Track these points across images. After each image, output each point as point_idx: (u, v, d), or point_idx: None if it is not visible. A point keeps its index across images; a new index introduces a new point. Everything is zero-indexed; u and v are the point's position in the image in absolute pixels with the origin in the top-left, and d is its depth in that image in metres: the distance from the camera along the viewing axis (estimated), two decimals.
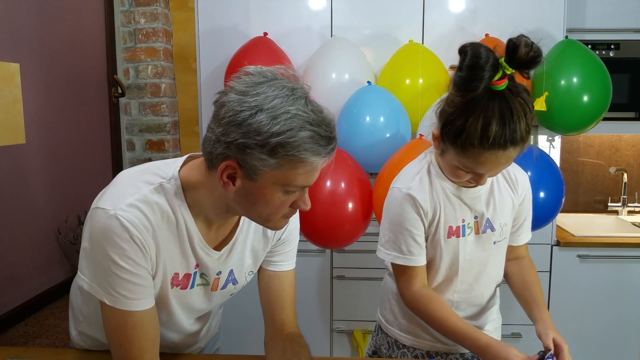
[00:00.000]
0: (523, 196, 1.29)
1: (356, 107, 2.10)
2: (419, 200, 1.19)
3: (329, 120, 0.86)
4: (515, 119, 1.00)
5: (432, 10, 2.39)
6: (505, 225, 1.27)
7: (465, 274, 1.26)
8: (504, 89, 1.01)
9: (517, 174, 1.29)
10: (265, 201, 0.89)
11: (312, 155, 0.83)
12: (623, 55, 2.49)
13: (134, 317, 0.93)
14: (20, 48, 1.88)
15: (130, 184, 0.94)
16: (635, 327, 2.35)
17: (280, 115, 0.81)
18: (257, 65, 0.89)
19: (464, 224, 1.22)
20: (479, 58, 0.98)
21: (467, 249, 1.24)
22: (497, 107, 1.00)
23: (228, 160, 0.85)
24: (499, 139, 1.00)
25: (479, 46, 0.99)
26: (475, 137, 1.02)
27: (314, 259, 2.44)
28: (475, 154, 1.05)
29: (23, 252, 1.93)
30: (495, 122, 1.00)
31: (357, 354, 2.44)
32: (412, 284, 1.22)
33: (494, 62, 0.99)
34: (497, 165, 1.07)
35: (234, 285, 1.10)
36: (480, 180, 1.12)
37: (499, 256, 1.30)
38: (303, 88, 0.86)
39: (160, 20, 2.55)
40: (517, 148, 1.04)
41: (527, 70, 1.01)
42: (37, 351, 1.32)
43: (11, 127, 1.76)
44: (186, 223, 0.96)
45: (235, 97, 0.83)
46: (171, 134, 2.63)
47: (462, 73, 1.00)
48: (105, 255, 0.89)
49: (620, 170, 2.72)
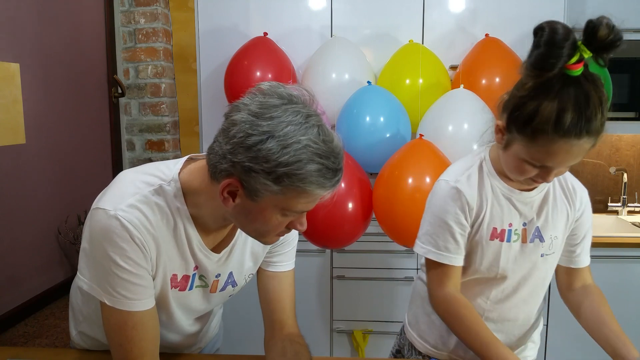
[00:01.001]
0: (581, 211, 1.19)
1: (356, 107, 2.10)
2: (466, 195, 1.11)
3: (338, 150, 0.84)
4: (592, 107, 0.92)
5: (432, 10, 2.39)
6: (556, 238, 1.16)
7: (504, 282, 1.17)
8: (579, 75, 0.93)
9: (576, 186, 1.19)
10: (264, 221, 0.89)
11: (317, 188, 0.83)
12: (623, 55, 2.48)
13: (134, 318, 0.93)
14: (20, 48, 1.88)
15: (131, 185, 0.94)
16: (635, 327, 2.34)
17: (291, 145, 0.79)
18: (273, 82, 0.87)
19: (511, 228, 1.14)
20: (556, 34, 0.90)
21: (510, 255, 1.15)
22: (573, 93, 0.93)
23: (231, 178, 0.84)
24: (574, 126, 0.92)
25: (557, 23, 0.92)
26: (550, 122, 0.93)
27: (314, 259, 2.44)
28: (547, 142, 0.95)
29: (23, 252, 1.93)
30: (571, 109, 0.92)
31: (357, 354, 2.44)
32: (445, 284, 1.14)
33: (573, 41, 0.91)
34: (569, 158, 0.97)
35: (233, 287, 1.10)
36: (547, 176, 1.02)
37: (544, 271, 1.19)
38: (318, 115, 0.85)
39: (160, 20, 2.55)
40: (591, 139, 0.95)
41: (605, 54, 0.94)
42: (37, 351, 1.32)
43: (11, 127, 1.76)
44: (185, 225, 0.96)
45: (248, 117, 0.82)
46: (171, 134, 2.63)
47: (538, 50, 0.92)
48: (105, 256, 0.89)
49: (620, 170, 2.72)
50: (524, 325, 1.24)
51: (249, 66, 2.25)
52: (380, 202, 1.98)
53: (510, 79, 2.49)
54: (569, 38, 0.91)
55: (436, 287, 1.16)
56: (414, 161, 1.93)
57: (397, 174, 1.91)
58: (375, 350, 2.47)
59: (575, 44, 0.92)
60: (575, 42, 0.92)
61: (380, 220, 2.03)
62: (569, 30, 0.92)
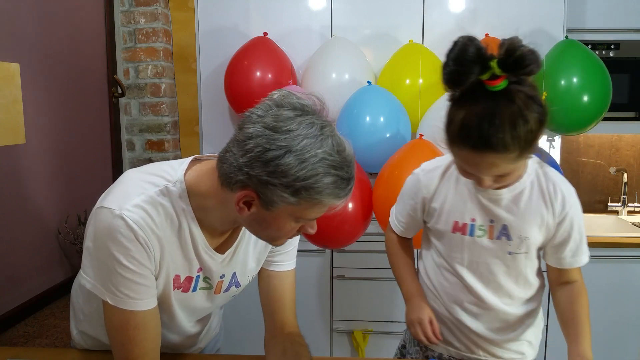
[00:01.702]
0: (564, 215, 1.16)
1: (356, 107, 2.10)
2: (423, 183, 1.25)
3: (350, 159, 0.87)
4: (498, 124, 0.93)
5: (432, 10, 2.39)
6: (527, 239, 1.17)
7: (473, 276, 1.22)
8: (499, 91, 0.95)
9: (559, 188, 1.16)
10: (277, 228, 0.91)
11: (332, 199, 0.86)
12: (623, 55, 2.48)
13: (136, 317, 0.93)
14: (20, 48, 1.88)
15: (136, 185, 0.94)
16: (636, 327, 2.34)
17: (308, 159, 0.81)
18: (284, 91, 0.88)
19: (474, 223, 1.19)
20: (465, 52, 0.92)
21: (475, 250, 1.20)
22: (481, 106, 0.95)
23: (247, 189, 0.85)
24: (474, 139, 0.96)
25: (469, 40, 0.93)
26: (455, 131, 0.99)
27: (314, 259, 2.44)
28: (458, 151, 1.03)
29: (23, 252, 1.93)
30: (474, 121, 0.95)
31: (357, 354, 2.44)
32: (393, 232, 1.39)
33: (484, 59, 0.93)
34: (481, 168, 1.02)
35: (237, 288, 1.11)
36: (479, 182, 1.06)
37: (515, 269, 1.21)
38: (330, 125, 0.87)
39: (160, 20, 2.55)
40: (498, 155, 0.97)
41: (517, 73, 0.94)
42: (37, 351, 1.32)
43: (11, 127, 1.76)
44: (190, 226, 0.96)
45: (264, 131, 0.82)
46: (171, 134, 2.63)
47: (448, 67, 0.96)
48: (109, 255, 0.89)
49: (620, 170, 2.72)
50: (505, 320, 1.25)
51: (249, 66, 2.25)
52: (380, 202, 1.98)
53: None
54: (478, 57, 0.92)
55: (387, 230, 1.42)
56: (414, 161, 1.92)
57: (397, 174, 1.91)
58: (375, 350, 2.47)
59: (486, 62, 0.93)
60: (486, 60, 0.93)
61: (380, 220, 2.03)
62: (479, 48, 0.93)
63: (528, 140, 0.96)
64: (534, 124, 0.96)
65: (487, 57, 0.93)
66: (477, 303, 1.24)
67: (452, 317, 1.27)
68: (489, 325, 1.25)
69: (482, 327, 1.25)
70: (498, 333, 1.26)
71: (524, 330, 1.28)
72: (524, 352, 1.30)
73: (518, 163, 1.02)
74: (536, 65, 0.93)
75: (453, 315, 1.27)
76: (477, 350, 1.27)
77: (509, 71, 0.93)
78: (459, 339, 1.28)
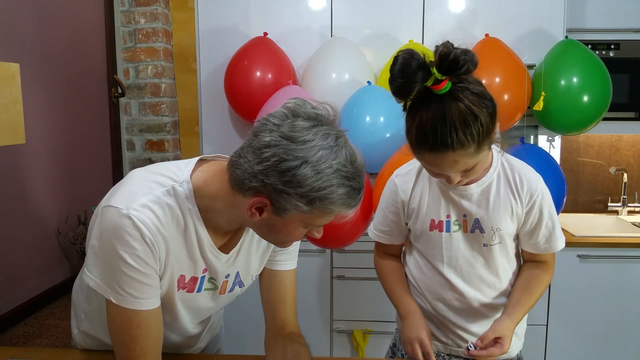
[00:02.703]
0: (530, 204, 1.21)
1: (356, 107, 2.10)
2: (399, 187, 1.30)
3: (361, 168, 0.89)
4: (450, 124, 1.00)
5: (432, 10, 2.39)
6: (499, 230, 1.22)
7: (454, 272, 1.27)
8: (444, 93, 1.01)
9: (525, 178, 1.22)
10: (287, 233, 0.93)
11: (344, 209, 0.88)
12: (623, 55, 2.49)
13: (139, 317, 0.93)
14: (20, 48, 1.88)
15: (143, 185, 0.94)
16: (635, 327, 2.35)
17: (324, 171, 0.83)
18: (299, 99, 0.90)
19: (449, 219, 1.24)
20: (407, 64, 0.99)
21: (452, 245, 1.25)
22: (431, 111, 1.02)
23: (261, 196, 0.87)
24: (431, 142, 1.02)
25: (409, 54, 0.99)
26: (413, 137, 1.06)
27: (314, 259, 2.44)
28: (419, 154, 1.09)
29: (23, 252, 1.94)
30: (427, 126, 1.02)
31: (357, 354, 2.44)
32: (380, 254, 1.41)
33: (426, 68, 0.99)
34: (444, 167, 1.07)
35: (240, 288, 1.11)
36: (449, 179, 1.11)
37: (492, 260, 1.25)
38: (344, 135, 0.89)
39: (160, 20, 2.55)
40: (456, 153, 1.02)
41: (456, 74, 1.00)
42: (37, 351, 1.32)
43: (11, 127, 1.76)
44: (196, 227, 0.96)
45: (282, 141, 0.84)
46: (171, 134, 2.63)
47: (394, 81, 1.02)
48: (114, 253, 0.89)
49: (620, 170, 2.72)
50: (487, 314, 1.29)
51: (249, 66, 2.25)
52: None
53: (510, 79, 2.50)
54: (419, 67, 0.98)
55: (375, 256, 1.43)
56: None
57: None
58: (375, 351, 2.47)
59: (428, 70, 0.99)
60: (428, 67, 0.99)
61: None
62: (418, 59, 0.99)
63: (482, 134, 1.02)
64: (484, 118, 1.02)
65: (427, 65, 1.00)
66: (459, 299, 1.28)
67: (437, 314, 1.31)
68: (473, 319, 1.29)
69: (467, 321, 1.29)
70: (483, 326, 1.28)
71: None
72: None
73: (479, 156, 1.07)
74: (472, 63, 0.99)
75: (438, 312, 1.31)
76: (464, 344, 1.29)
77: (448, 74, 1.00)
78: (446, 334, 1.32)
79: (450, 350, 1.33)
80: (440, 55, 0.98)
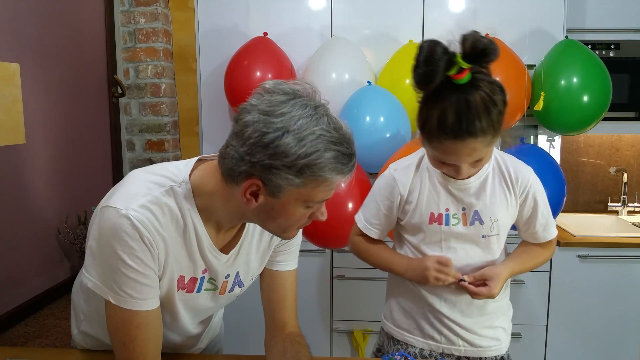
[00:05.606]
0: (525, 194, 1.27)
1: (356, 107, 2.10)
2: (398, 181, 1.30)
3: (348, 136, 0.88)
4: (473, 111, 1.04)
5: (432, 10, 2.39)
6: (497, 220, 1.26)
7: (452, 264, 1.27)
8: (465, 83, 1.04)
9: (517, 171, 1.27)
10: (287, 216, 0.92)
11: (336, 175, 0.87)
12: (623, 55, 2.49)
13: (138, 317, 0.93)
14: (20, 48, 1.88)
15: (142, 185, 0.94)
16: (635, 327, 2.35)
17: (307, 137, 0.83)
18: (275, 80, 0.90)
19: (448, 213, 1.26)
20: (433, 53, 1.02)
21: (452, 238, 1.27)
22: (454, 99, 1.05)
23: (252, 178, 0.86)
24: (455, 129, 1.05)
25: (434, 43, 1.03)
26: (435, 126, 1.08)
27: (314, 259, 2.44)
28: (438, 144, 1.10)
29: (23, 252, 1.94)
30: (451, 114, 1.05)
31: (357, 354, 2.44)
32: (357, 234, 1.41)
33: (450, 56, 1.02)
34: (461, 155, 1.11)
35: (240, 288, 1.11)
36: (457, 172, 1.16)
37: (491, 253, 1.29)
38: (323, 105, 0.88)
39: (160, 20, 2.55)
40: (478, 140, 1.06)
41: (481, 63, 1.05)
42: (37, 351, 1.32)
43: (11, 127, 1.76)
44: (196, 227, 0.96)
45: (260, 117, 0.84)
46: (171, 134, 2.63)
47: (418, 69, 1.05)
48: (113, 254, 0.89)
49: (620, 170, 2.72)
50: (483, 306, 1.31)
51: (249, 66, 2.25)
52: None
53: (510, 79, 2.50)
54: (444, 55, 1.02)
55: (351, 235, 1.43)
56: None
57: None
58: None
59: (451, 59, 1.03)
60: (452, 56, 1.03)
61: None
62: (444, 48, 1.03)
63: (499, 122, 1.08)
64: (501, 106, 1.07)
65: (452, 54, 1.03)
66: (454, 291, 1.29)
67: (432, 308, 1.32)
68: (467, 313, 1.31)
69: (461, 315, 1.31)
70: (475, 318, 1.31)
71: (498, 316, 1.35)
72: (499, 338, 1.35)
73: (492, 145, 1.12)
74: (496, 54, 1.04)
75: (433, 306, 1.32)
76: (457, 341, 1.32)
77: (473, 63, 1.04)
78: (439, 330, 1.32)
79: (443, 349, 1.33)
80: (473, 43, 1.02)
